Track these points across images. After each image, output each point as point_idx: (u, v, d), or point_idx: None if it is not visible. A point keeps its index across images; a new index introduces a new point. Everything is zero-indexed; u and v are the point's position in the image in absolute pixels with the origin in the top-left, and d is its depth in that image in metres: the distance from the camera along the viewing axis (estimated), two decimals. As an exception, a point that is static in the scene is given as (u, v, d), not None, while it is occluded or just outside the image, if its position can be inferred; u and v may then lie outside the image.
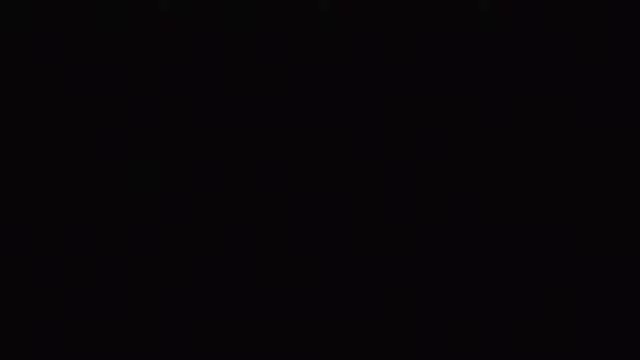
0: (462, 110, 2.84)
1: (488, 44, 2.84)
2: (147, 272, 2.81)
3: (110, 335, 2.79)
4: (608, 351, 2.76)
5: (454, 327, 2.79)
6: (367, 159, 2.84)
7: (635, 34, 2.83)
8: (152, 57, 2.86)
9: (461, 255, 2.81)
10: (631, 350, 2.76)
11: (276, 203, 2.83)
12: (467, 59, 2.84)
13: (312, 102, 2.86)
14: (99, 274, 2.81)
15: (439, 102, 2.84)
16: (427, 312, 2.79)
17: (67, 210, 2.82)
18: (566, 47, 2.84)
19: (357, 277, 2.81)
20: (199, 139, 2.85)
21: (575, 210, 2.81)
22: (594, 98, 2.83)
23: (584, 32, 2.84)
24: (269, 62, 2.86)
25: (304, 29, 2.86)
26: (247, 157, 2.85)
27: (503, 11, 2.85)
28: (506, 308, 2.79)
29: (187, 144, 2.85)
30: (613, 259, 2.79)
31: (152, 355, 2.79)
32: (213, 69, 2.86)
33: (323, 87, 2.86)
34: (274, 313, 2.80)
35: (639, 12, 2.84)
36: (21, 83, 2.85)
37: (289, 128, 2.85)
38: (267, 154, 2.85)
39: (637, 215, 2.80)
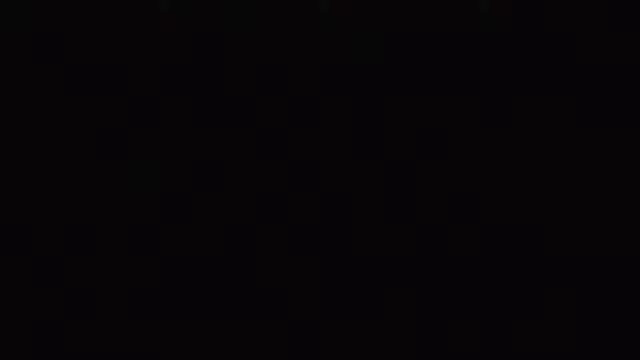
0: (462, 110, 2.84)
1: (488, 44, 2.85)
2: (147, 272, 2.81)
3: (110, 335, 2.79)
4: (608, 351, 2.76)
5: (454, 327, 2.79)
6: (367, 159, 2.84)
7: (635, 34, 2.83)
8: (152, 57, 2.86)
9: (461, 255, 2.81)
10: (631, 350, 2.76)
11: (276, 203, 2.84)
12: (467, 59, 2.84)
13: (312, 102, 2.86)
14: (99, 274, 2.81)
15: (439, 102, 2.85)
16: (427, 312, 2.79)
17: (67, 210, 2.83)
18: (566, 47, 2.84)
19: (357, 277, 2.81)
20: (199, 139, 2.85)
21: (575, 210, 2.81)
22: (594, 98, 2.83)
23: (584, 32, 2.84)
24: (269, 62, 2.86)
25: (304, 29, 2.86)
26: (247, 157, 2.85)
27: (503, 11, 2.85)
28: (506, 308, 2.79)
29: (187, 144, 2.85)
30: (613, 259, 2.79)
31: (152, 355, 2.79)
32: (213, 69, 2.86)
33: (323, 87, 2.86)
34: (274, 313, 2.81)
35: (639, 12, 2.84)
36: (21, 83, 2.86)
37: (289, 128, 2.85)
38: (267, 154, 2.85)
39: (637, 215, 2.80)
